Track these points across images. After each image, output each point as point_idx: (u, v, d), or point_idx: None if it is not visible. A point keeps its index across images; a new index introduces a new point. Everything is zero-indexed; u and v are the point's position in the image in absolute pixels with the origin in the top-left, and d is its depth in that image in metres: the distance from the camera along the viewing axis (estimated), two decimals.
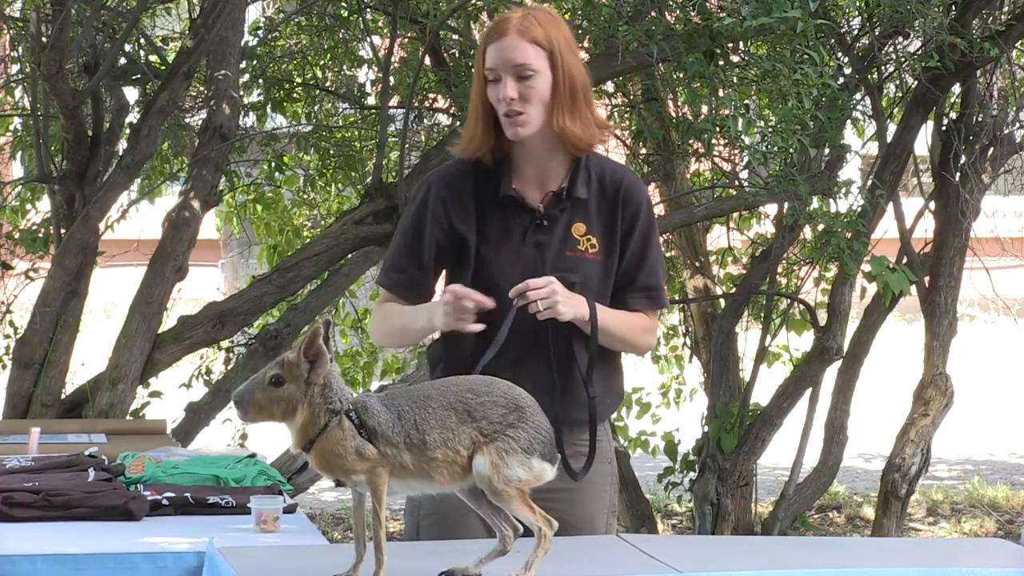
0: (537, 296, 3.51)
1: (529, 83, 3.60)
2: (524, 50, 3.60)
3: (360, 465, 3.06)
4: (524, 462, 3.07)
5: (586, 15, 6.23)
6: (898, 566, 3.39)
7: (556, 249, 3.66)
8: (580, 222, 3.68)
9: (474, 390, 3.13)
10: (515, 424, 3.09)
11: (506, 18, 3.65)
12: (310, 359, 3.08)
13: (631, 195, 3.72)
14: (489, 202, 3.69)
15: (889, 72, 7.14)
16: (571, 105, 3.64)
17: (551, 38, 3.62)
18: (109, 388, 6.08)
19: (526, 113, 3.61)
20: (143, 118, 6.33)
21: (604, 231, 3.69)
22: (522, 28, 3.61)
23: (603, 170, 3.74)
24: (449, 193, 3.70)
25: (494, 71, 3.62)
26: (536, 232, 3.67)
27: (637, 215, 3.71)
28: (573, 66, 3.64)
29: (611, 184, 3.72)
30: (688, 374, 8.26)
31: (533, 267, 3.64)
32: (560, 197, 3.68)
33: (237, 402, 3.10)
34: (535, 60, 3.60)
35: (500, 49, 3.61)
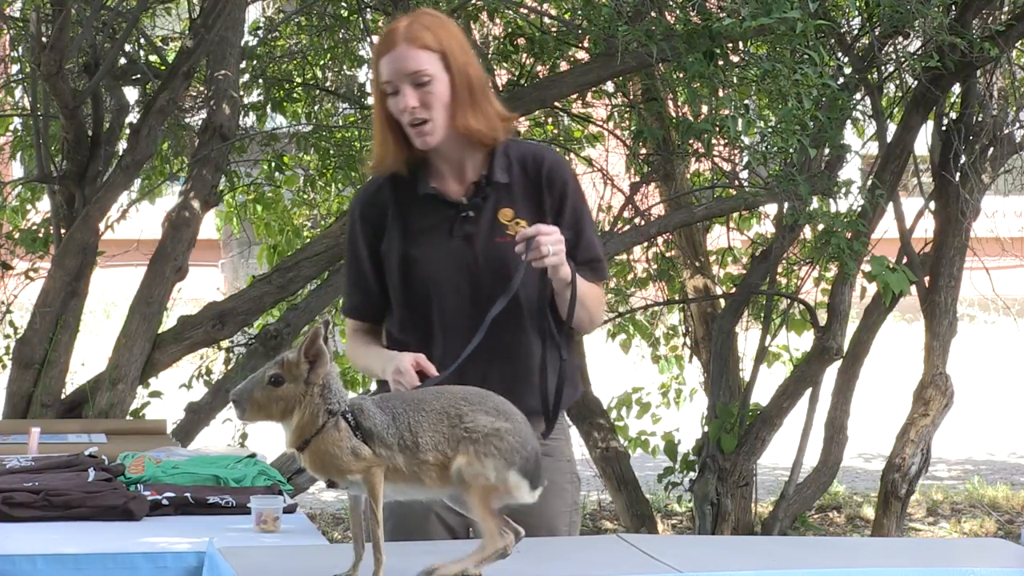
0: (550, 241, 3.50)
1: (427, 89, 3.59)
2: (416, 57, 3.59)
3: (356, 465, 3.06)
4: (499, 469, 3.07)
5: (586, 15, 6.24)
6: (898, 566, 3.39)
7: (485, 238, 3.66)
8: (506, 207, 3.68)
9: (468, 399, 3.15)
10: (501, 435, 3.09)
11: (393, 29, 3.63)
12: (310, 359, 3.09)
13: (555, 174, 3.71)
14: (411, 205, 3.70)
15: (889, 72, 7.14)
16: (471, 103, 3.64)
17: (441, 40, 3.62)
18: (109, 388, 6.08)
19: (431, 120, 3.61)
20: (143, 118, 6.33)
21: (533, 213, 3.68)
22: (410, 36, 3.59)
23: (523, 153, 3.74)
24: (372, 211, 3.73)
25: (391, 83, 3.60)
26: (463, 225, 3.67)
27: (565, 193, 3.71)
28: (467, 64, 3.64)
29: (533, 166, 3.71)
30: (688, 374, 8.26)
31: (463, 260, 3.65)
32: (480, 186, 3.68)
33: (235, 401, 3.10)
34: (429, 65, 3.59)
35: (392, 60, 3.59)
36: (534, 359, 3.68)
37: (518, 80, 7.07)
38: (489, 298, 3.60)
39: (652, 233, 7.05)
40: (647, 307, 7.98)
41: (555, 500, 3.72)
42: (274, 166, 7.75)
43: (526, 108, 6.68)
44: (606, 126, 7.70)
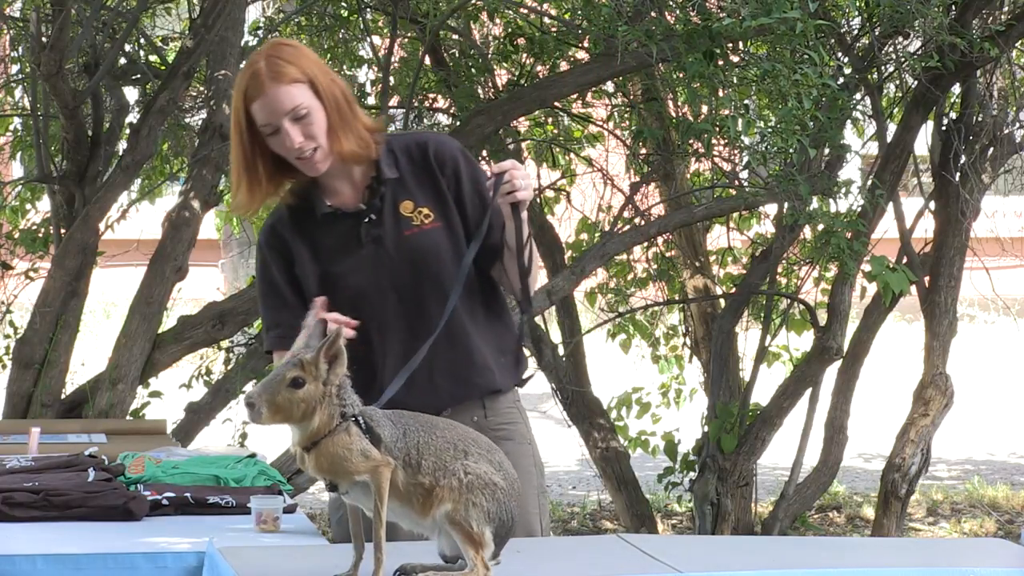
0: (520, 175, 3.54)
1: (306, 121, 3.59)
2: (289, 93, 3.58)
3: (364, 465, 3.05)
4: (480, 522, 3.07)
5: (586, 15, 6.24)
6: (898, 566, 3.40)
7: (393, 236, 3.67)
8: (405, 200, 3.69)
9: (477, 442, 3.16)
10: (494, 491, 3.09)
11: (256, 72, 3.59)
12: (329, 360, 3.08)
13: (442, 154, 3.72)
14: (314, 227, 3.71)
15: (889, 72, 7.14)
16: (342, 124, 3.64)
17: (304, 70, 3.60)
18: (109, 388, 6.08)
19: (318, 148, 3.61)
20: (143, 118, 6.33)
21: (433, 199, 3.70)
22: (276, 75, 3.57)
23: (406, 144, 3.75)
24: (277, 241, 3.74)
25: (270, 125, 3.59)
26: (369, 230, 3.68)
27: (457, 169, 3.72)
28: (333, 86, 3.64)
29: (419, 153, 3.72)
30: (688, 374, 8.26)
31: (379, 263, 3.67)
32: (374, 188, 3.69)
33: (251, 405, 3.06)
34: (303, 98, 3.59)
35: (266, 104, 3.58)
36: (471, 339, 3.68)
37: (518, 80, 7.07)
38: (415, 291, 3.63)
39: (652, 233, 7.05)
40: (647, 307, 7.98)
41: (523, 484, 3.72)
42: None
43: (526, 108, 6.68)
44: (606, 126, 7.70)
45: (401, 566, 3.12)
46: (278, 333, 3.73)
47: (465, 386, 3.70)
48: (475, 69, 7.21)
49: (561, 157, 7.81)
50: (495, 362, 3.74)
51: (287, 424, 3.08)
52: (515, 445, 3.73)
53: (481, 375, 3.71)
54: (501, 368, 3.75)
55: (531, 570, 3.25)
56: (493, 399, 3.75)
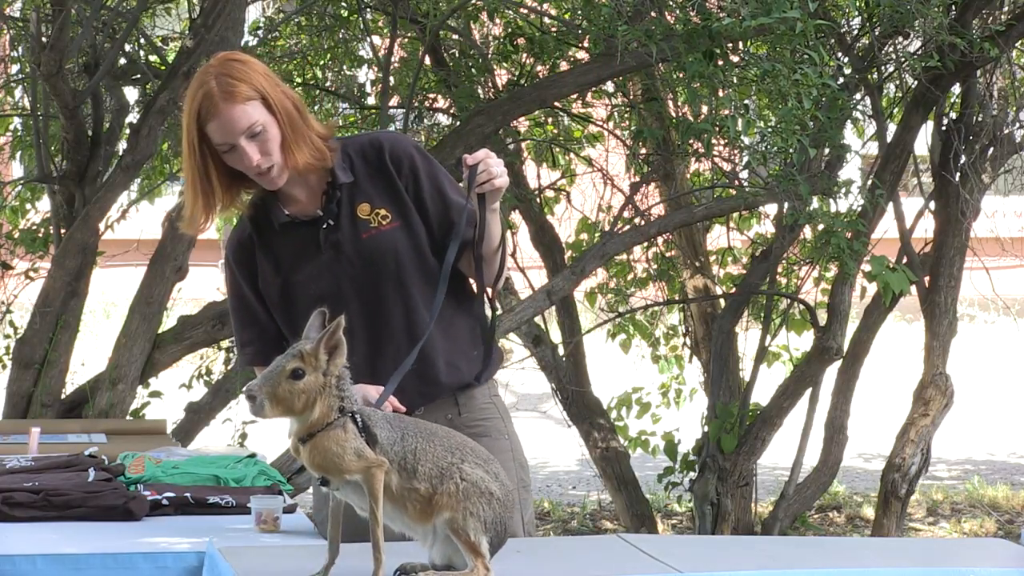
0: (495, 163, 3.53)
1: (262, 137, 3.59)
2: (244, 112, 3.57)
3: (356, 465, 3.06)
4: (477, 531, 3.07)
5: (586, 15, 6.24)
6: (898, 566, 3.40)
7: (351, 240, 3.67)
8: (361, 203, 3.69)
9: (475, 451, 3.16)
10: (491, 500, 3.09)
11: (208, 93, 3.57)
12: (329, 350, 3.08)
13: (396, 152, 3.71)
14: (273, 238, 3.71)
15: (889, 72, 7.14)
16: (295, 136, 3.63)
17: (255, 85, 3.61)
18: (109, 388, 6.08)
19: (274, 164, 3.61)
20: (143, 118, 6.33)
21: (390, 199, 3.69)
22: (228, 95, 3.57)
23: (360, 145, 3.74)
24: (242, 253, 3.74)
25: (226, 143, 3.59)
26: (328, 236, 3.68)
27: (414, 167, 3.71)
28: (283, 99, 3.64)
29: (373, 153, 3.71)
30: (688, 374, 8.26)
31: (339, 268, 3.66)
32: (330, 194, 3.69)
33: (251, 397, 3.05)
34: (257, 115, 3.59)
35: (222, 124, 3.57)
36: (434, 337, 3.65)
37: (518, 80, 7.07)
38: (376, 293, 3.63)
39: (652, 233, 7.05)
40: (647, 307, 7.98)
41: None
42: None
43: (526, 108, 6.68)
44: (606, 126, 7.69)
45: (401, 566, 3.12)
46: (253, 350, 3.74)
47: (433, 384, 3.69)
48: (475, 69, 7.21)
49: (561, 157, 7.81)
50: (464, 357, 3.72)
51: (288, 416, 3.09)
52: (491, 441, 3.69)
53: (449, 372, 3.70)
54: (471, 362, 3.74)
55: (531, 570, 3.25)
56: (466, 395, 3.74)
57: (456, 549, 3.09)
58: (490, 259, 3.68)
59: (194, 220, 3.68)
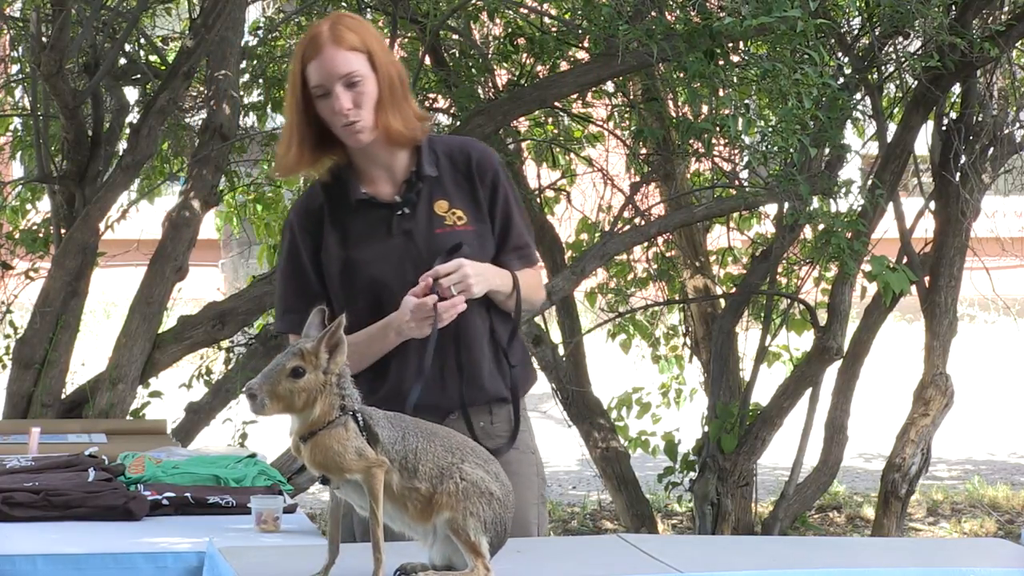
0: (449, 282, 3.57)
1: (359, 89, 3.62)
2: (346, 58, 3.62)
3: (357, 464, 3.06)
4: (477, 531, 3.07)
5: (586, 15, 6.24)
6: (898, 566, 3.40)
7: (425, 232, 3.70)
8: (441, 199, 3.72)
9: (475, 451, 3.16)
10: (490, 500, 3.09)
11: (317, 33, 3.65)
12: (329, 348, 3.08)
13: (484, 164, 3.76)
14: (346, 211, 3.72)
15: (889, 72, 7.14)
16: (392, 102, 3.66)
17: (365, 41, 3.65)
18: (109, 388, 6.08)
19: (362, 119, 3.64)
20: (143, 118, 6.33)
21: (468, 203, 3.73)
22: (336, 38, 3.62)
23: (449, 146, 3.78)
24: (309, 220, 3.75)
25: (322, 86, 3.62)
26: (401, 222, 3.70)
27: (497, 182, 3.75)
28: (390, 64, 3.68)
29: (461, 158, 3.76)
30: (688, 374, 8.26)
31: (407, 256, 3.68)
32: (412, 182, 3.72)
33: (252, 395, 3.05)
34: (359, 65, 3.62)
35: (323, 64, 3.61)
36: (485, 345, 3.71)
37: (518, 80, 7.07)
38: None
39: (652, 233, 7.05)
40: (647, 307, 7.98)
41: (525, 492, 3.74)
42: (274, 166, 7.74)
43: (526, 108, 6.68)
44: (606, 126, 7.69)
45: (401, 566, 3.12)
46: (297, 319, 3.68)
47: (475, 390, 3.71)
48: (475, 69, 7.20)
49: (561, 157, 7.81)
50: (506, 370, 3.75)
51: (288, 414, 3.09)
52: (519, 453, 3.76)
53: (491, 381, 3.73)
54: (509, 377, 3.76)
55: (531, 570, 3.25)
56: (500, 406, 3.76)
57: (456, 549, 3.09)
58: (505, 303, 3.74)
59: (286, 165, 3.72)
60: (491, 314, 3.73)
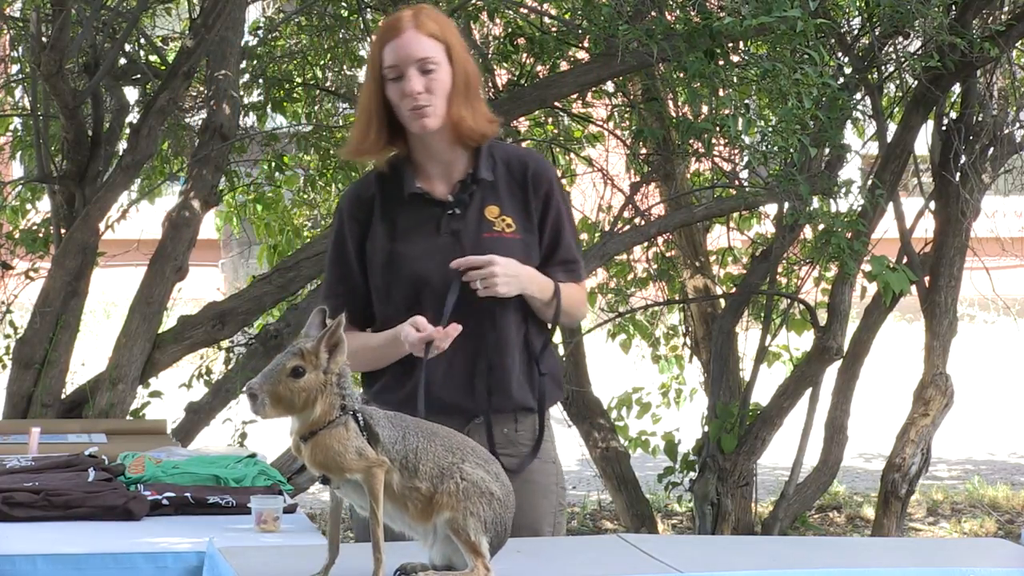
0: (476, 275, 3.59)
1: (432, 76, 3.65)
2: (424, 44, 3.65)
3: (358, 464, 3.06)
4: (477, 531, 3.07)
5: (586, 15, 6.24)
6: (898, 566, 3.40)
7: (473, 234, 3.71)
8: (492, 204, 3.73)
9: (476, 451, 3.16)
10: (490, 500, 3.09)
11: (399, 16, 3.69)
12: (329, 348, 3.08)
13: (540, 176, 3.77)
14: (397, 203, 3.74)
15: (889, 72, 7.14)
16: (466, 96, 3.69)
17: (444, 32, 3.69)
18: (109, 388, 6.08)
19: (432, 105, 3.66)
20: (143, 118, 6.33)
21: (518, 212, 3.74)
22: (417, 23, 3.66)
23: (508, 155, 3.79)
24: (360, 209, 3.76)
25: (396, 68, 3.66)
26: (450, 222, 3.72)
27: (550, 195, 3.77)
28: (466, 60, 3.71)
29: (518, 167, 3.77)
30: (688, 374, 8.26)
31: (452, 255, 3.68)
32: (467, 184, 3.73)
33: (252, 396, 3.05)
34: (435, 53, 3.66)
35: (401, 46, 3.65)
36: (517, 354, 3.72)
37: (518, 80, 7.07)
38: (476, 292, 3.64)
39: (652, 233, 7.05)
40: (647, 307, 7.98)
41: (541, 501, 3.76)
42: (274, 166, 7.74)
43: (526, 108, 6.68)
44: (606, 126, 7.69)
45: (401, 565, 3.12)
46: (334, 304, 3.71)
47: (503, 397, 3.72)
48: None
49: (561, 157, 7.81)
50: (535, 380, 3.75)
51: (288, 415, 3.09)
52: (539, 462, 3.76)
53: (519, 390, 3.73)
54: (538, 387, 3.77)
55: (531, 570, 3.25)
56: (525, 415, 3.77)
57: (456, 549, 3.09)
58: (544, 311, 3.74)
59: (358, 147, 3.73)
60: (528, 323, 3.73)
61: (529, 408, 3.76)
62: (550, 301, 3.71)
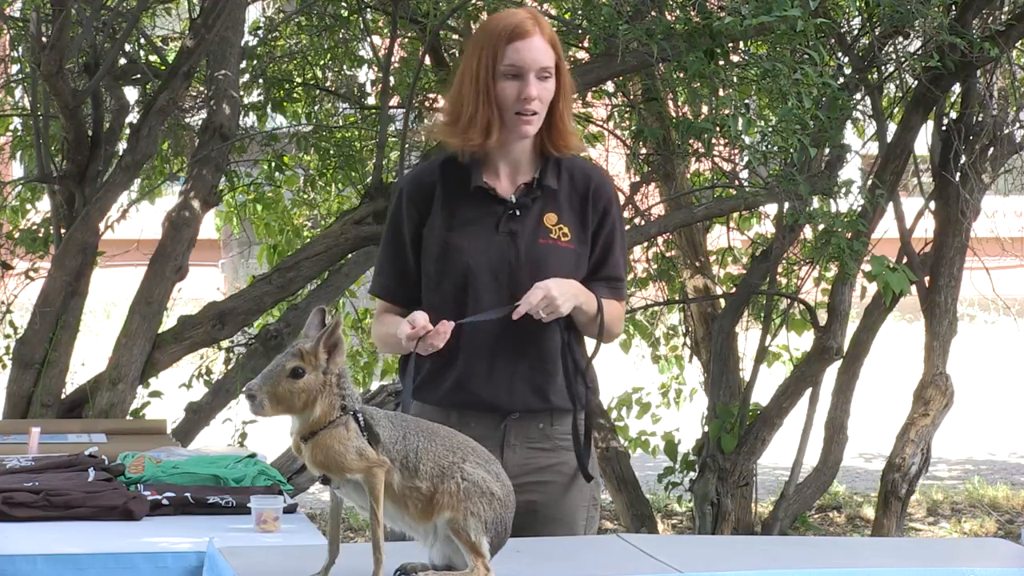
0: (537, 309, 3.61)
1: (546, 85, 3.70)
2: (547, 52, 3.70)
3: (358, 464, 3.06)
4: (477, 531, 3.08)
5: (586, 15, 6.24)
6: (898, 566, 3.40)
7: (529, 237, 3.73)
8: (551, 212, 3.76)
9: (476, 451, 3.17)
10: (491, 500, 3.10)
11: (521, 17, 3.71)
12: (328, 349, 3.08)
13: (601, 192, 3.81)
14: (460, 195, 3.76)
15: (889, 72, 7.14)
16: (566, 107, 3.75)
17: (556, 42, 3.74)
18: (109, 388, 6.08)
19: (539, 114, 3.71)
20: (143, 118, 6.33)
21: (575, 223, 3.77)
22: (541, 29, 3.71)
23: (573, 166, 3.82)
24: (420, 193, 3.78)
25: (518, 69, 3.68)
26: (509, 221, 3.74)
27: (608, 211, 3.80)
28: (567, 72, 3.76)
29: (582, 180, 3.80)
30: (688, 374, 8.26)
31: (506, 255, 3.71)
32: (531, 187, 3.76)
33: (251, 396, 3.05)
34: (551, 62, 3.71)
35: (527, 48, 3.68)
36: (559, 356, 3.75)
37: None
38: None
39: (652, 233, 7.05)
40: (647, 307, 7.98)
41: (575, 496, 3.77)
42: (274, 166, 7.75)
43: None
44: (606, 126, 7.69)
45: (401, 565, 3.12)
46: (384, 283, 3.80)
47: (540, 399, 3.74)
48: None
49: None
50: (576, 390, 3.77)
51: (288, 415, 3.09)
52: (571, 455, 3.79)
53: (557, 393, 3.76)
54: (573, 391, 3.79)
55: (531, 570, 3.25)
56: (560, 416, 3.79)
57: (456, 549, 3.09)
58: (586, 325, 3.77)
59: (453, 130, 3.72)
60: (568, 333, 3.76)
61: (566, 409, 3.78)
62: (594, 317, 3.73)
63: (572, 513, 3.79)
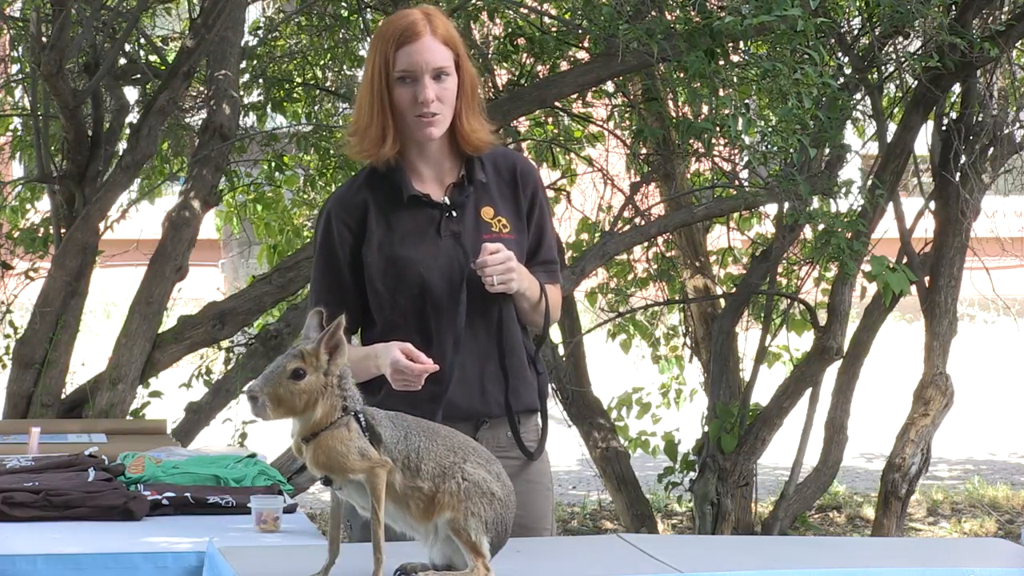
0: (494, 271, 3.58)
1: (444, 85, 3.64)
2: (440, 52, 3.63)
3: (360, 464, 3.06)
4: (478, 531, 3.08)
5: (586, 15, 6.24)
6: (898, 566, 3.40)
7: (472, 236, 3.70)
8: (487, 206, 3.74)
9: (477, 451, 3.17)
10: (492, 500, 3.10)
11: (412, 19, 3.64)
12: (329, 350, 3.08)
13: (527, 176, 3.79)
14: (393, 206, 3.71)
15: (889, 72, 7.14)
16: (471, 105, 3.69)
17: (454, 39, 3.67)
18: (109, 388, 6.08)
19: (441, 114, 3.65)
20: (143, 118, 6.33)
21: (511, 212, 3.76)
22: (434, 30, 3.63)
23: (495, 155, 3.79)
24: (349, 213, 3.72)
25: (410, 73, 3.62)
26: (449, 224, 3.71)
27: (536, 194, 3.79)
28: (470, 68, 3.71)
29: (506, 167, 3.78)
30: (688, 374, 8.26)
31: (454, 258, 3.68)
32: (462, 186, 3.73)
33: (253, 398, 3.05)
34: (447, 61, 3.65)
35: (418, 51, 3.62)
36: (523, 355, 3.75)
37: (518, 80, 7.07)
38: (482, 293, 3.64)
39: (652, 233, 7.05)
40: (647, 307, 7.98)
41: (541, 502, 3.79)
42: (274, 166, 7.75)
43: (526, 108, 6.68)
44: (606, 126, 7.69)
45: (401, 565, 3.12)
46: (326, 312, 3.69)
47: (514, 398, 3.73)
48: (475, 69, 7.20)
49: (561, 157, 7.81)
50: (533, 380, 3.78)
51: (289, 417, 3.08)
52: (540, 463, 3.79)
53: (527, 390, 3.76)
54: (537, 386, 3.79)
55: (531, 570, 3.25)
56: (528, 416, 3.79)
57: (457, 549, 3.09)
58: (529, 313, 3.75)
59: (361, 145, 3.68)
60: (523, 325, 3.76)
61: (533, 409, 3.78)
62: (536, 303, 3.73)
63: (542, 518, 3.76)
